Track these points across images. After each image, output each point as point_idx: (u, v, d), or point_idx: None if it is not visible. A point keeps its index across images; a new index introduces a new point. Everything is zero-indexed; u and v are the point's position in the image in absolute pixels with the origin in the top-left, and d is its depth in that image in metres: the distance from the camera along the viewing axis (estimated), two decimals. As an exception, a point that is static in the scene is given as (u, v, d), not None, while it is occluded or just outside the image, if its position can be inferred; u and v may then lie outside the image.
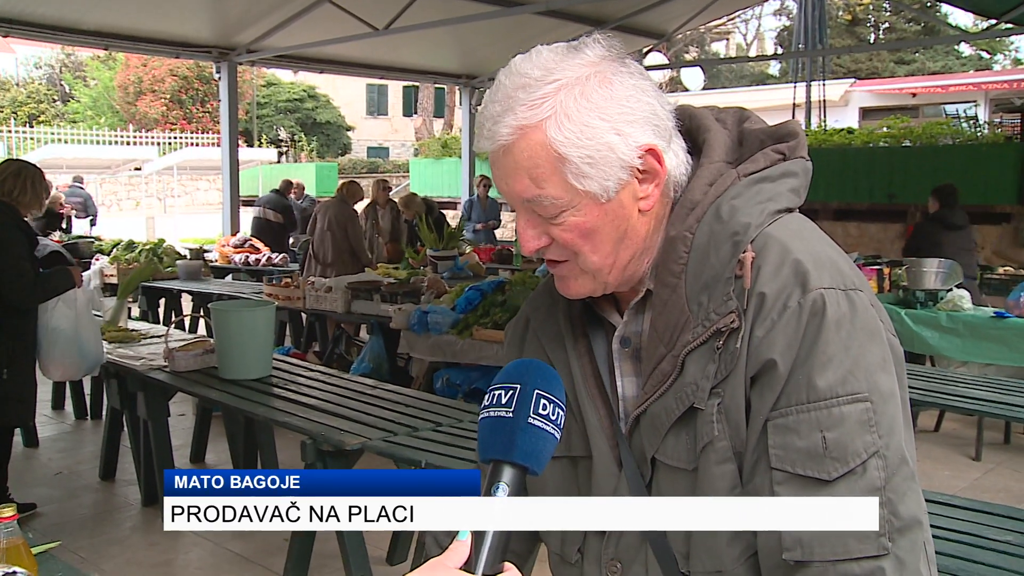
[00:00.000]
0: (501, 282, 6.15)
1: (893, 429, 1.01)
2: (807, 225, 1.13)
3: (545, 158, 1.06)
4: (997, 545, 2.63)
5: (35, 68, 36.80)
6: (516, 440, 0.98)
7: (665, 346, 1.10)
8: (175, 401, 5.20)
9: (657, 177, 1.11)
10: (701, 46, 38.08)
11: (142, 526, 4.74)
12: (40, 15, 9.26)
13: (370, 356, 6.50)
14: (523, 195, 1.09)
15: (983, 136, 14.55)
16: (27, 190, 4.40)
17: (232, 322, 4.63)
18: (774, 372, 1.02)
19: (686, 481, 1.09)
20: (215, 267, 10.30)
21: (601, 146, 1.06)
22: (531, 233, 1.12)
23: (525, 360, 1.06)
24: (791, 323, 1.02)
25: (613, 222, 1.10)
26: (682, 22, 12.24)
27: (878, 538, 0.97)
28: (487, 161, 1.14)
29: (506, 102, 1.07)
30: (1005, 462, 5.80)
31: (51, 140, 26.64)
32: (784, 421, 1.01)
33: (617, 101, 1.08)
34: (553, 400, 1.01)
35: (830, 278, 1.04)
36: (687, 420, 1.08)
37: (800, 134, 1.17)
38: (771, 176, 1.12)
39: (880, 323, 1.06)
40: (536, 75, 1.07)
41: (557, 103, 1.06)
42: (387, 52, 12.14)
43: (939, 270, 6.38)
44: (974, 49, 32.82)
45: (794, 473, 1.00)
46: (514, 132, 1.06)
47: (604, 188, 1.08)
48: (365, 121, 39.13)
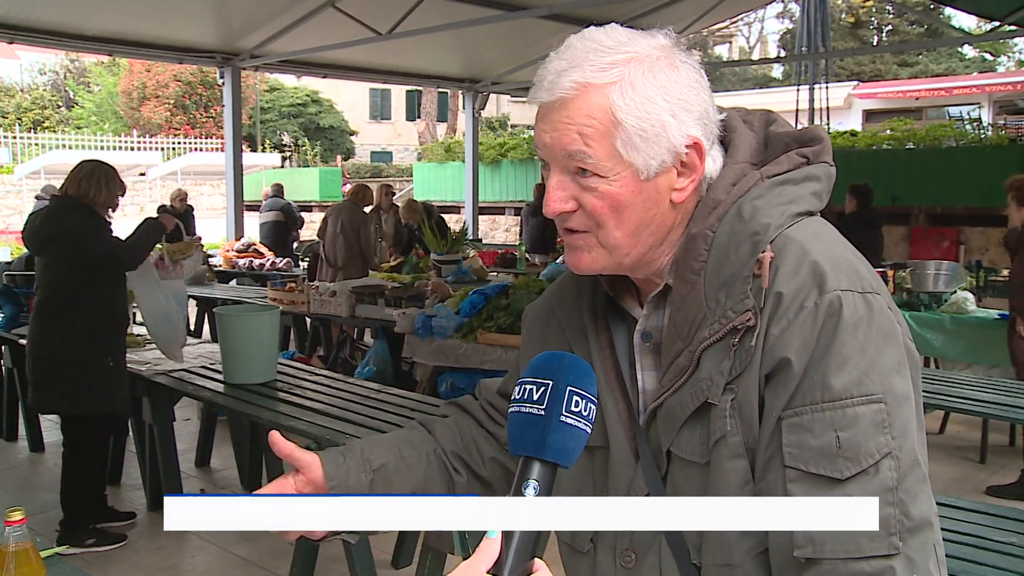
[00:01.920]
0: (505, 286, 6.16)
1: (907, 431, 1.02)
2: (826, 229, 1.14)
3: (601, 119, 1.08)
4: (1001, 547, 2.63)
5: (39, 74, 36.92)
6: (548, 438, 0.99)
7: (683, 341, 1.11)
8: (180, 406, 5.21)
9: (695, 173, 1.13)
10: (704, 49, 38.08)
11: (148, 530, 4.74)
12: (45, 21, 9.28)
13: (374, 360, 6.51)
14: (568, 147, 1.09)
15: (987, 138, 14.53)
16: (102, 189, 4.47)
17: (237, 327, 4.65)
18: (788, 370, 1.03)
19: (699, 475, 1.10)
20: (220, 272, 10.32)
21: (656, 123, 1.08)
22: (560, 195, 1.12)
23: (557, 353, 1.06)
24: (807, 323, 1.03)
25: (644, 204, 1.11)
26: (685, 25, 12.23)
27: (889, 537, 0.98)
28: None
29: (574, 60, 1.09)
30: (1010, 464, 5.79)
31: (55, 146, 26.73)
32: (799, 420, 1.02)
33: (679, 87, 1.10)
34: (585, 395, 1.01)
35: (848, 280, 1.05)
36: (701, 415, 1.09)
37: (825, 139, 1.18)
38: (794, 179, 1.14)
39: (897, 326, 1.07)
40: (609, 44, 1.10)
41: (626, 72, 1.08)
42: (390, 56, 12.16)
43: (943, 273, 6.39)
44: (978, 51, 32.80)
45: (807, 471, 1.01)
46: (577, 88, 1.08)
47: (647, 165, 1.09)
48: (368, 125, 39.19)
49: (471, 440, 1.42)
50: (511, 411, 1.03)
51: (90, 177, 4.45)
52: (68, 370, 4.38)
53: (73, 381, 4.38)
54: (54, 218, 4.42)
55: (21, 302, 6.16)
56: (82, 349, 4.39)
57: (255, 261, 10.42)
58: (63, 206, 4.44)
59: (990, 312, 6.05)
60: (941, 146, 14.41)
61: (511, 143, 19.81)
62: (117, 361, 4.56)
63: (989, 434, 5.88)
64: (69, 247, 4.37)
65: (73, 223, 4.36)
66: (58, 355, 4.39)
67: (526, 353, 1.36)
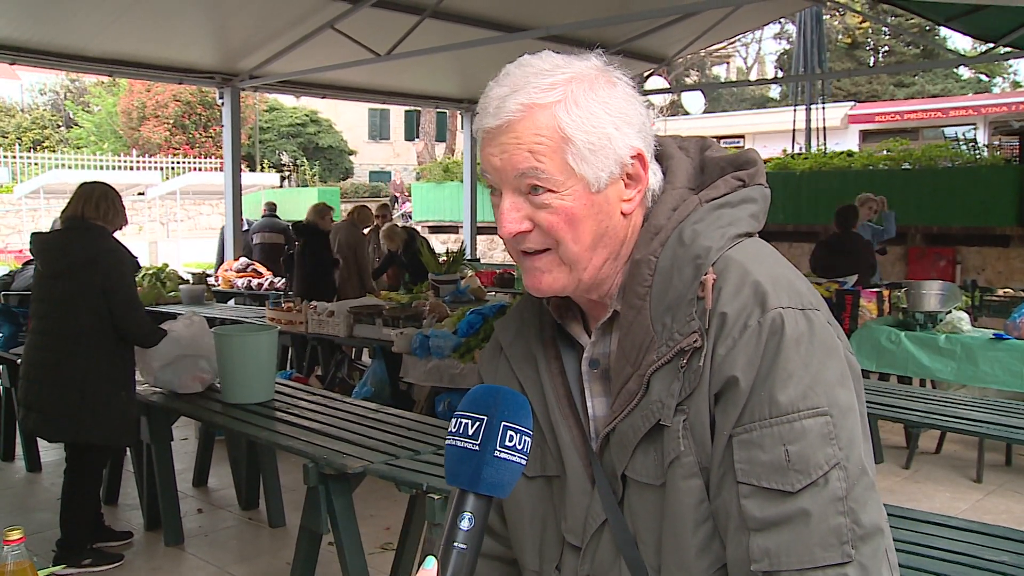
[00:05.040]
0: (503, 306, 6.18)
1: (853, 441, 1.05)
2: (766, 249, 1.17)
3: (550, 136, 1.11)
4: (993, 565, 2.64)
5: (40, 94, 37.04)
6: (482, 472, 1.01)
7: (631, 366, 1.14)
8: (178, 425, 5.21)
9: (640, 184, 1.17)
10: (702, 70, 38.27)
11: (144, 550, 4.74)
12: (46, 43, 9.33)
13: (372, 380, 6.52)
14: (519, 166, 1.12)
15: (982, 159, 14.60)
16: (119, 210, 4.51)
17: (235, 346, 4.66)
18: (736, 388, 1.06)
19: (655, 497, 1.12)
20: (218, 291, 10.33)
21: (603, 135, 1.12)
22: (514, 216, 1.14)
23: (492, 387, 1.08)
24: (751, 341, 1.06)
25: (597, 216, 1.14)
26: (683, 46, 12.32)
27: (842, 545, 1.00)
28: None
29: (515, 84, 1.13)
30: (1006, 484, 5.80)
31: (54, 166, 26.78)
32: (748, 436, 1.04)
33: (619, 101, 1.15)
34: (520, 430, 1.03)
35: (788, 298, 1.08)
36: (654, 437, 1.12)
37: (759, 162, 1.22)
38: (731, 202, 1.18)
39: (838, 340, 1.11)
40: (547, 67, 1.14)
41: (568, 91, 1.12)
42: (389, 77, 12.22)
43: (938, 292, 6.41)
44: (973, 72, 32.98)
45: (759, 486, 1.03)
46: (523, 109, 1.11)
47: (597, 178, 1.13)
48: (367, 145, 39.30)
49: None
50: (447, 443, 1.05)
51: (105, 198, 4.43)
52: (76, 398, 4.29)
53: (80, 411, 4.29)
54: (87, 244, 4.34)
55: (20, 322, 6.15)
56: (96, 379, 4.32)
57: (253, 281, 10.43)
58: (93, 232, 4.38)
59: (985, 332, 6.06)
60: (937, 166, 14.45)
61: (509, 163, 19.75)
62: (129, 394, 4.52)
63: (986, 453, 5.89)
64: (101, 273, 4.31)
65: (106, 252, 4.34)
66: (68, 382, 4.30)
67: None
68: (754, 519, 1.03)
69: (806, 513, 1.01)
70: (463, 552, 0.99)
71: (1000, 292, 8.20)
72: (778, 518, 1.02)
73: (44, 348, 4.39)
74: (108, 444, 4.49)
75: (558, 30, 8.91)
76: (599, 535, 1.19)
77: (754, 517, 1.03)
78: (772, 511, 1.02)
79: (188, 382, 4.75)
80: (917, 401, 4.87)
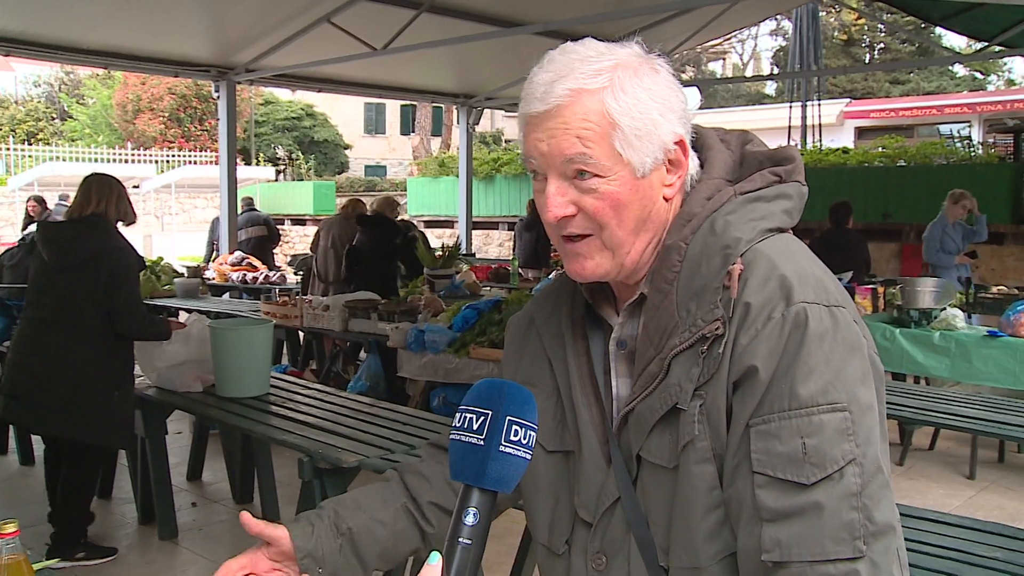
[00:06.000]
0: (498, 300, 6.18)
1: (870, 439, 1.05)
2: (796, 245, 1.18)
3: (597, 122, 1.12)
4: (986, 561, 2.65)
5: (34, 86, 36.90)
6: (487, 468, 1.01)
7: (654, 349, 1.15)
8: (172, 419, 5.21)
9: (681, 169, 1.19)
10: (698, 66, 38.29)
11: (139, 544, 4.74)
12: (41, 34, 9.30)
13: (367, 374, 6.51)
14: (567, 152, 1.13)
15: (977, 156, 14.63)
16: (127, 203, 4.49)
17: (230, 340, 4.65)
18: (755, 378, 1.06)
19: (667, 479, 1.13)
20: (212, 285, 10.32)
21: (648, 121, 1.13)
22: (560, 200, 1.15)
23: (496, 382, 1.08)
24: (774, 333, 1.07)
25: (641, 201, 1.16)
26: (679, 42, 12.31)
27: (854, 541, 1.01)
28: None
29: (561, 71, 1.13)
30: (999, 480, 5.82)
31: (49, 158, 26.67)
32: (766, 427, 1.05)
33: (662, 87, 1.16)
34: (524, 424, 1.04)
35: (814, 294, 1.09)
36: (671, 420, 1.13)
37: (797, 159, 1.22)
38: (766, 196, 1.18)
39: (863, 339, 1.11)
40: (592, 54, 1.15)
41: (615, 77, 1.13)
42: (385, 71, 12.19)
43: (933, 289, 6.42)
44: (968, 70, 33.02)
45: (775, 477, 1.04)
46: (571, 94, 1.12)
47: (642, 163, 1.14)
48: (363, 139, 39.23)
49: (447, 484, 1.42)
50: (451, 438, 1.06)
51: (111, 192, 4.42)
52: (67, 392, 4.23)
53: (69, 405, 4.24)
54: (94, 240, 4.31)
55: (13, 314, 6.12)
56: (90, 376, 4.28)
57: (248, 275, 10.42)
58: (101, 228, 4.35)
59: (979, 329, 6.08)
60: (932, 164, 14.49)
61: (505, 158, 19.82)
62: (124, 395, 4.45)
63: (979, 450, 5.91)
64: (106, 271, 4.28)
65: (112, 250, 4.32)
66: (61, 374, 4.24)
67: (506, 361, 1.41)
68: (768, 509, 1.04)
69: (819, 506, 1.01)
70: (468, 547, 0.99)
71: (995, 289, 8.23)
72: (791, 510, 1.02)
73: (39, 338, 4.34)
74: (94, 443, 4.41)
75: (555, 25, 8.90)
76: (611, 512, 1.20)
77: (768, 507, 1.04)
78: (786, 502, 1.03)
79: (190, 381, 4.74)
80: (911, 398, 4.88)
